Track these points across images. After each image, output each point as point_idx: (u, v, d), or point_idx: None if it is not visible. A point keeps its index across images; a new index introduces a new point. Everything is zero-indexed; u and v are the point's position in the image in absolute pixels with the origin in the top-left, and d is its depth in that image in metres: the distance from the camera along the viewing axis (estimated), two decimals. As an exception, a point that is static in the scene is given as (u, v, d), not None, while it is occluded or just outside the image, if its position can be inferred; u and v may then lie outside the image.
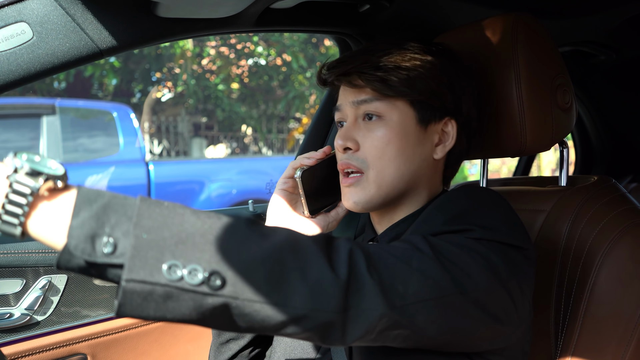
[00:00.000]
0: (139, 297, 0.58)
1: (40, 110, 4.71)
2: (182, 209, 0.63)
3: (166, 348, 1.47)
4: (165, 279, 0.58)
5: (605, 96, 2.16)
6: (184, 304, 0.60)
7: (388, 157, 0.91)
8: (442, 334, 0.74)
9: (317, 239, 0.68)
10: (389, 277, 0.69)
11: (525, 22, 1.05)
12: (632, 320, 0.98)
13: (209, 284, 0.60)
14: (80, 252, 0.58)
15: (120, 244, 0.59)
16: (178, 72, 9.71)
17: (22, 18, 0.96)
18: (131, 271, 0.58)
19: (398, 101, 0.91)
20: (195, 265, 0.60)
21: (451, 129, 0.94)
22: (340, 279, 0.65)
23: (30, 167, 0.59)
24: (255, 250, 0.63)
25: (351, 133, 0.93)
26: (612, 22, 1.62)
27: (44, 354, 1.29)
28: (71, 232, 0.58)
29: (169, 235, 0.60)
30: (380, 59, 0.91)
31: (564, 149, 1.17)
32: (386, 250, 0.73)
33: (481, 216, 0.82)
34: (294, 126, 11.05)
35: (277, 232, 0.66)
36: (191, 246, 0.60)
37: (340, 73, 0.93)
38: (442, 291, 0.72)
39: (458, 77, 0.95)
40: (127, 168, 4.86)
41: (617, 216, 1.03)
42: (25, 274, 1.32)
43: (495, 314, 0.77)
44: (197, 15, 1.13)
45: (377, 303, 0.67)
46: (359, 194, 0.92)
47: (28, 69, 0.97)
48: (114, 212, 0.60)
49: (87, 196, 0.60)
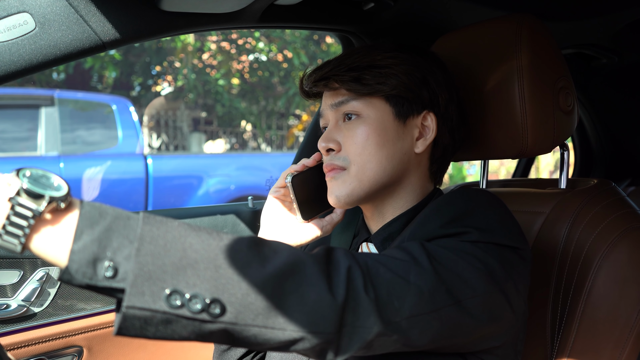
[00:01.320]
0: (138, 321, 0.59)
1: (38, 102, 4.69)
2: (185, 231, 0.63)
3: (162, 342, 1.47)
4: (166, 307, 0.59)
5: (606, 100, 2.16)
6: (183, 329, 0.60)
7: (369, 152, 0.93)
8: (435, 342, 0.75)
9: (317, 258, 0.69)
10: (386, 293, 0.70)
11: (529, 23, 1.05)
12: (628, 323, 0.99)
13: (208, 312, 0.60)
14: (81, 275, 0.58)
15: (121, 268, 0.59)
16: (178, 66, 9.69)
17: (24, 8, 0.95)
18: (132, 298, 0.58)
19: (373, 98, 0.94)
20: (195, 292, 0.60)
21: (431, 122, 0.96)
22: (337, 301, 0.66)
23: (32, 190, 0.59)
24: (256, 276, 0.63)
25: (332, 135, 0.96)
26: (615, 26, 1.62)
27: (40, 345, 1.29)
28: (72, 256, 0.58)
29: (170, 261, 0.60)
30: (354, 61, 0.94)
31: (564, 152, 1.17)
32: (384, 264, 0.73)
33: (477, 218, 0.83)
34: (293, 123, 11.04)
35: (277, 253, 0.67)
36: (192, 273, 0.61)
37: (317, 78, 0.96)
38: (437, 304, 0.73)
39: (432, 72, 0.97)
40: (126, 161, 4.85)
41: (616, 219, 1.03)
42: (23, 266, 1.31)
43: (492, 316, 0.78)
44: (201, 10, 1.13)
45: (372, 321, 0.68)
46: (340, 187, 0.94)
47: (30, 60, 0.97)
48: (117, 235, 0.60)
49: (89, 218, 0.60)
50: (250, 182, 5.40)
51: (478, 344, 0.82)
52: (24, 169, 0.60)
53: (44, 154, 4.56)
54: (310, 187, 1.02)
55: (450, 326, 0.74)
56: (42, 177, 0.61)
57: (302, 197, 1.00)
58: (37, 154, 4.56)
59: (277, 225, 1.02)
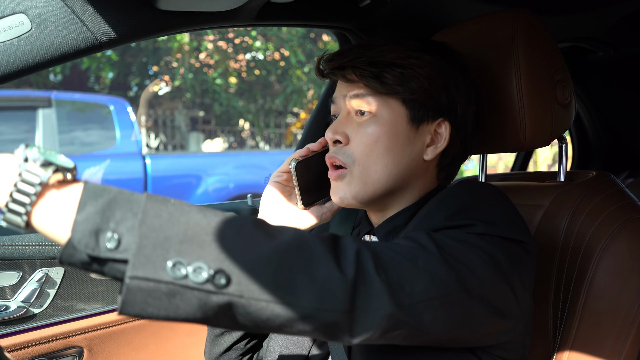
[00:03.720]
0: (142, 294, 0.58)
1: (36, 103, 4.69)
2: (188, 207, 0.63)
3: (163, 341, 1.47)
4: (170, 277, 0.58)
5: (603, 92, 2.17)
6: (188, 302, 0.59)
7: (376, 155, 0.90)
8: (447, 331, 0.74)
9: (324, 239, 0.68)
10: (397, 277, 0.69)
11: (526, 18, 1.05)
12: (630, 314, 0.99)
13: (213, 282, 0.59)
14: (83, 246, 0.58)
15: (124, 239, 0.59)
16: (175, 66, 9.68)
17: (20, 9, 0.95)
18: (135, 268, 0.58)
19: (390, 99, 0.91)
20: (200, 263, 0.59)
21: (444, 131, 0.94)
22: (347, 279, 0.65)
23: (41, 158, 0.60)
24: (262, 249, 0.63)
25: (342, 127, 0.93)
26: (610, 19, 1.62)
27: (40, 346, 1.29)
28: (75, 226, 0.58)
29: (174, 233, 0.60)
30: (375, 55, 0.90)
31: (562, 145, 1.17)
32: (392, 250, 0.73)
33: (482, 211, 0.82)
34: (291, 121, 11.04)
35: (284, 232, 0.66)
36: (196, 244, 0.60)
37: (336, 66, 0.92)
38: (447, 289, 0.72)
39: (455, 78, 0.94)
40: (124, 161, 4.84)
41: (615, 211, 1.03)
42: (22, 267, 1.31)
43: (499, 308, 0.77)
44: (197, 9, 1.12)
45: (384, 303, 0.67)
46: (344, 189, 0.93)
47: (26, 61, 0.97)
48: (119, 208, 0.60)
49: (93, 191, 0.60)
50: (249, 181, 5.39)
51: (487, 339, 0.81)
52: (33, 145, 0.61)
53: (42, 156, 4.54)
54: (313, 173, 1.00)
55: (460, 314, 0.74)
56: (50, 152, 0.61)
57: (305, 184, 0.98)
58: (35, 155, 4.54)
59: (276, 212, 1.01)
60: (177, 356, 1.50)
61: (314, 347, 1.01)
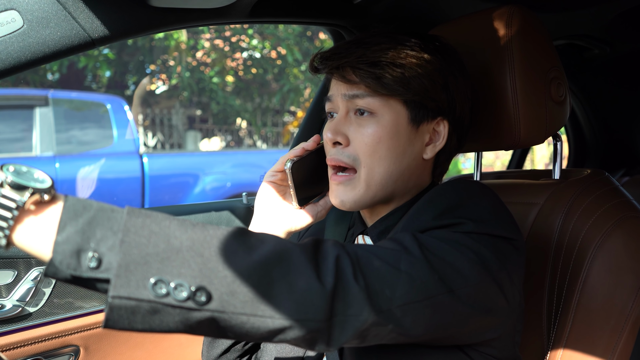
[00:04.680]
0: (125, 312, 0.59)
1: (33, 102, 4.68)
2: (168, 222, 0.63)
3: (159, 340, 1.47)
4: (151, 295, 0.59)
5: (599, 90, 2.17)
6: (170, 318, 0.60)
7: (379, 156, 0.90)
8: (430, 332, 0.75)
9: (305, 247, 0.69)
10: (377, 281, 0.70)
11: (520, 14, 1.05)
12: (624, 312, 0.99)
13: (194, 300, 0.60)
14: (65, 267, 0.59)
15: (105, 259, 0.59)
16: (172, 64, 9.66)
17: (12, 6, 0.95)
18: (116, 288, 0.58)
19: (391, 99, 0.90)
20: (180, 281, 0.60)
21: (443, 129, 0.93)
22: (326, 289, 0.66)
23: (15, 182, 0.59)
24: (242, 263, 0.63)
25: (341, 127, 0.92)
26: (606, 16, 1.62)
27: (36, 345, 1.29)
28: (56, 247, 0.59)
29: (154, 251, 0.60)
30: (375, 54, 0.89)
31: (557, 142, 1.17)
32: (374, 253, 0.73)
33: (470, 209, 0.82)
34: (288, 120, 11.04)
35: (264, 243, 0.66)
36: (177, 261, 0.61)
37: (334, 66, 0.91)
38: (430, 292, 0.72)
39: (454, 77, 0.93)
40: (121, 160, 4.84)
41: (609, 209, 1.03)
42: (17, 266, 1.31)
43: (486, 306, 0.77)
44: (190, 5, 1.12)
45: (362, 309, 0.68)
46: (348, 193, 0.92)
47: (18, 58, 0.96)
48: (100, 227, 0.60)
49: (73, 209, 0.60)
50: (247, 179, 5.39)
51: (475, 336, 0.81)
52: (8, 164, 0.61)
53: (39, 155, 4.54)
54: (307, 172, 0.99)
55: (444, 315, 0.74)
56: (26, 171, 0.61)
57: (300, 183, 0.98)
58: (32, 154, 4.54)
59: (272, 211, 1.00)
60: (174, 354, 1.49)
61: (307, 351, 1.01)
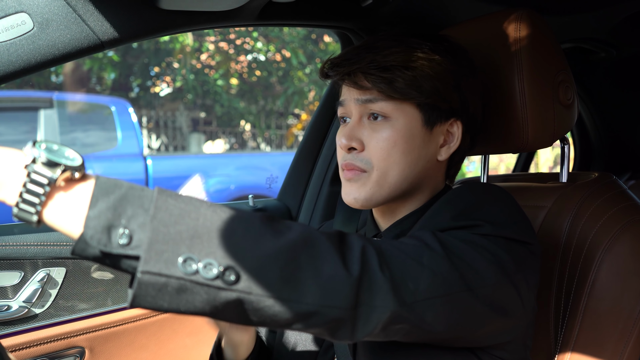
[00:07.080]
0: (153, 289, 0.59)
1: (37, 104, 4.70)
2: (198, 202, 0.64)
3: (164, 342, 1.47)
4: (181, 272, 0.59)
5: (605, 93, 2.16)
6: (197, 297, 0.60)
7: (393, 159, 0.89)
8: (449, 329, 0.75)
9: (331, 236, 0.69)
10: (401, 274, 0.70)
11: (528, 18, 1.05)
12: (631, 316, 0.98)
13: (223, 279, 0.60)
14: (96, 242, 0.59)
15: (135, 235, 0.59)
16: (177, 67, 9.68)
17: (22, 8, 0.95)
18: (147, 263, 0.58)
19: (405, 103, 0.89)
20: (210, 260, 0.60)
21: (456, 130, 0.93)
22: (352, 276, 0.66)
23: (47, 158, 0.60)
24: (270, 246, 0.63)
25: (355, 132, 0.91)
26: (612, 19, 1.62)
27: (42, 346, 1.29)
28: (88, 222, 0.59)
29: (185, 228, 0.61)
30: (385, 58, 0.88)
31: (564, 145, 1.17)
32: (397, 247, 0.73)
33: (487, 212, 0.82)
34: (292, 122, 11.04)
35: (291, 229, 0.67)
36: (207, 240, 0.61)
37: (345, 72, 0.90)
38: (451, 288, 0.72)
39: (465, 77, 0.93)
40: (125, 162, 4.85)
41: (617, 212, 1.03)
42: (24, 267, 1.31)
43: (502, 308, 0.77)
44: (199, 8, 1.12)
45: (388, 300, 0.68)
46: (360, 190, 0.91)
47: (28, 60, 0.97)
48: (131, 204, 0.60)
49: (104, 187, 0.61)
50: (250, 182, 5.40)
51: (489, 338, 0.81)
52: (40, 141, 0.62)
53: (43, 156, 4.55)
54: None
55: (462, 313, 0.74)
56: (57, 149, 0.62)
57: None
58: (36, 156, 4.55)
59: None
60: (179, 357, 1.49)
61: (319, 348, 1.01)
